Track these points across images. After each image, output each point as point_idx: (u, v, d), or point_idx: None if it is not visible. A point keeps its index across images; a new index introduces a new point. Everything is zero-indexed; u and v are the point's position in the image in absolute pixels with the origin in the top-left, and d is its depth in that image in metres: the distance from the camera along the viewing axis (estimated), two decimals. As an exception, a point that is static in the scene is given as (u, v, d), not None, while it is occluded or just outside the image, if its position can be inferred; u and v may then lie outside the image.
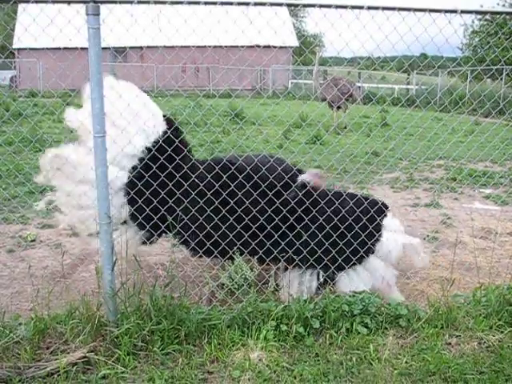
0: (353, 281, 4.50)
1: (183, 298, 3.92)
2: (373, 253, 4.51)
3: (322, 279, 4.43)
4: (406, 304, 4.24)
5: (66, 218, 4.38)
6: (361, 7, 3.59)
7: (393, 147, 11.18)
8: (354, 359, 3.61)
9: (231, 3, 3.47)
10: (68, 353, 3.51)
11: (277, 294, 4.27)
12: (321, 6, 3.52)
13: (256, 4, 3.48)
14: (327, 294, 4.09)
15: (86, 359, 3.47)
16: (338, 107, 15.98)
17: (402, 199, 8.46)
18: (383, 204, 4.69)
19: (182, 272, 4.64)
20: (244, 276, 4.24)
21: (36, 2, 3.35)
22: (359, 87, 18.23)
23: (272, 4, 3.50)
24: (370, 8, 3.59)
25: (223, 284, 4.29)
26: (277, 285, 4.35)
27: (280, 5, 3.63)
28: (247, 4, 3.51)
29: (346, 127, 15.27)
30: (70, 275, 5.21)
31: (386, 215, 4.64)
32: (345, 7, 3.57)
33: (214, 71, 33.51)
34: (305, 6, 3.68)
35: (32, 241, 6.23)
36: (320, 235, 4.29)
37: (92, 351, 3.52)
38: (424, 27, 3.72)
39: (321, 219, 4.34)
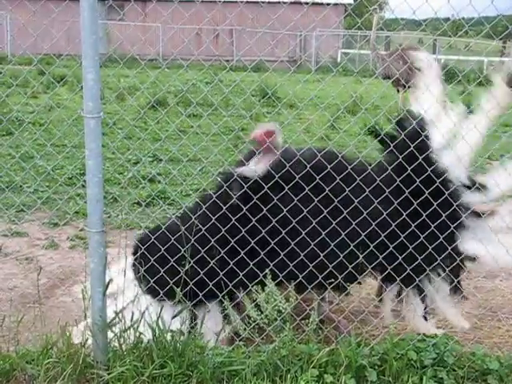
0: None
1: (196, 334, 3.93)
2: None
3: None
4: (497, 355, 4.18)
5: None
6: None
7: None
8: (423, 426, 3.59)
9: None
10: (41, 403, 3.55)
11: (320, 333, 4.26)
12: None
13: None
14: (389, 336, 4.06)
15: (65, 412, 3.51)
16: (408, 87, 15.88)
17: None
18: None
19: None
20: (277, 308, 4.23)
21: None
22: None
23: None
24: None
25: (249, 317, 4.29)
26: (321, 321, 4.34)
27: None
28: None
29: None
30: (46, 299, 5.27)
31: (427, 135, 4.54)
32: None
33: (241, 35, 33.50)
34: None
35: (-4, 253, 6.31)
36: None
37: (74, 401, 3.56)
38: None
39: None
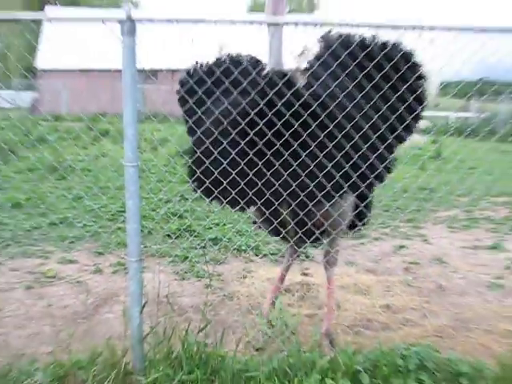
0: None
1: (218, 345, 3.89)
2: None
3: None
4: (468, 360, 4.12)
5: None
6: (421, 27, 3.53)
7: (450, 182, 11.05)
8: (408, 422, 3.52)
9: (296, 24, 3.43)
10: (90, 403, 3.51)
11: (322, 344, 4.20)
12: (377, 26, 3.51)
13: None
14: (379, 346, 4.00)
15: (109, 410, 3.46)
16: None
17: (461, 240, 8.31)
18: None
19: (217, 316, 4.62)
20: (285, 322, 4.18)
21: (69, 21, 3.43)
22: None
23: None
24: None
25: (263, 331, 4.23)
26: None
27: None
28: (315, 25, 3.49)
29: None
30: (93, 316, 5.23)
31: None
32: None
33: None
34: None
35: (52, 277, 6.28)
36: None
37: (116, 402, 3.51)
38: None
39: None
